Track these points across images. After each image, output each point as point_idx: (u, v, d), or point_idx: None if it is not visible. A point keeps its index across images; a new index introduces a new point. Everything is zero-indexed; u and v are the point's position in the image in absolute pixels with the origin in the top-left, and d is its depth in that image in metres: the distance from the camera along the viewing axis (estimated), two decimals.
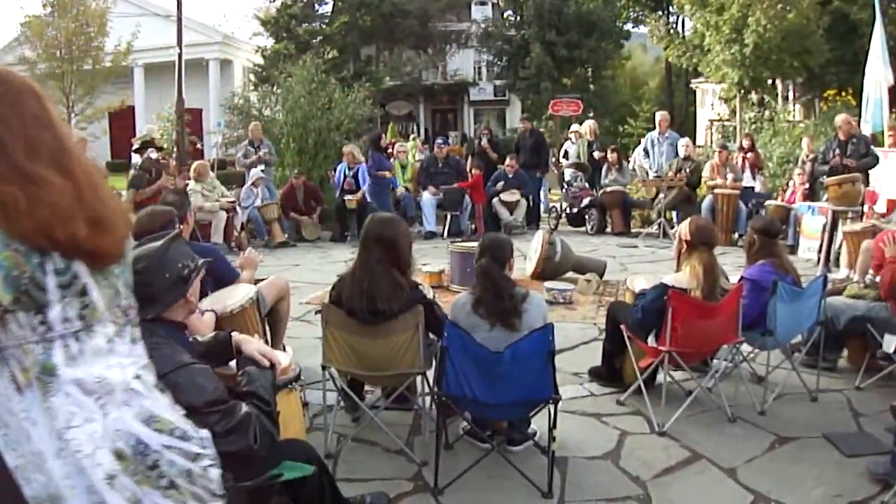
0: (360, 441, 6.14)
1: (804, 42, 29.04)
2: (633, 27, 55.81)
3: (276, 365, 4.07)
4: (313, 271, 13.32)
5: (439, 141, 19.75)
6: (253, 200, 16.55)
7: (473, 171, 18.48)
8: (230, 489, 3.48)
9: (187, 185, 15.48)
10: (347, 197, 16.77)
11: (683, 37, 38.27)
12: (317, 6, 46.75)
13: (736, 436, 6.38)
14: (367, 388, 6.85)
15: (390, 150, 19.18)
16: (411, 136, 30.99)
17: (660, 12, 50.95)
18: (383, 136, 19.14)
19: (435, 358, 5.89)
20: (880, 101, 16.60)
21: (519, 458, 5.68)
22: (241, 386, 3.72)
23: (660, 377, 7.02)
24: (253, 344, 4.15)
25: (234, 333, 4.28)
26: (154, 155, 15.49)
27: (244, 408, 3.53)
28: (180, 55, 23.76)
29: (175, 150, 24.47)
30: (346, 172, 17.30)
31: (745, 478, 5.61)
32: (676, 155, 17.79)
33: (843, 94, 25.97)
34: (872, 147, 14.42)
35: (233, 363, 4.22)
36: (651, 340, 6.62)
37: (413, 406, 6.58)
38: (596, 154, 19.25)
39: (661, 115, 19.42)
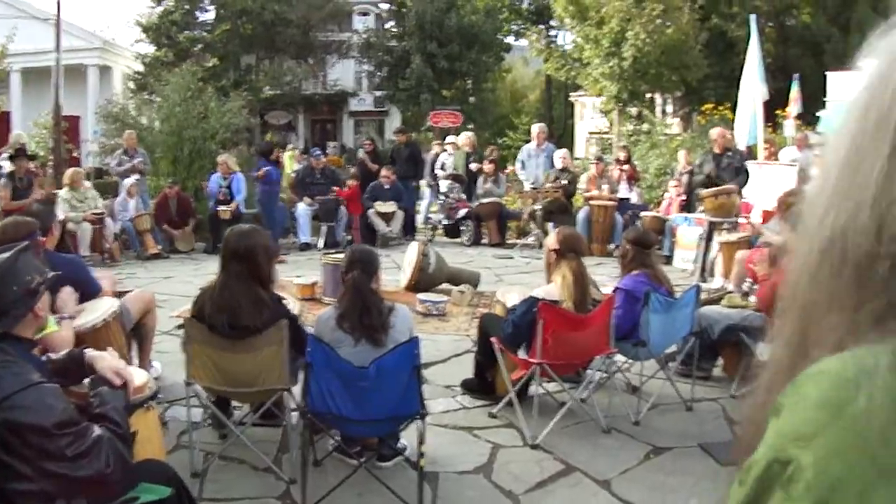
0: (228, 459, 5.98)
1: (682, 57, 29.66)
2: (514, 40, 56.28)
3: (128, 384, 3.93)
4: (185, 283, 13.03)
5: (316, 151, 19.62)
6: (127, 211, 16.21)
7: (350, 182, 18.37)
8: None
9: (55, 194, 15.13)
10: (221, 208, 16.53)
11: (563, 50, 38.65)
12: (198, 13, 46.37)
13: (610, 447, 6.40)
14: (234, 404, 6.69)
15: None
16: (289, 147, 30.80)
17: (541, 25, 51.51)
18: (274, 146, 18.92)
19: (301, 373, 5.80)
20: (755, 115, 16.92)
21: (389, 474, 5.61)
22: (93, 407, 3.59)
23: (532, 389, 6.98)
24: (106, 361, 4.02)
25: (87, 350, 4.13)
26: (41, 153, 15.14)
27: (96, 430, 3.41)
28: (58, 60, 23.23)
29: (51, 158, 23.94)
30: (221, 183, 17.01)
31: (619, 489, 5.63)
32: (553, 167, 17.87)
33: (721, 108, 26.46)
34: (747, 161, 14.67)
35: (87, 381, 4.08)
36: (522, 353, 6.60)
37: (281, 422, 6.45)
38: (473, 166, 19.26)
39: (537, 128, 19.53)
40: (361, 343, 5.40)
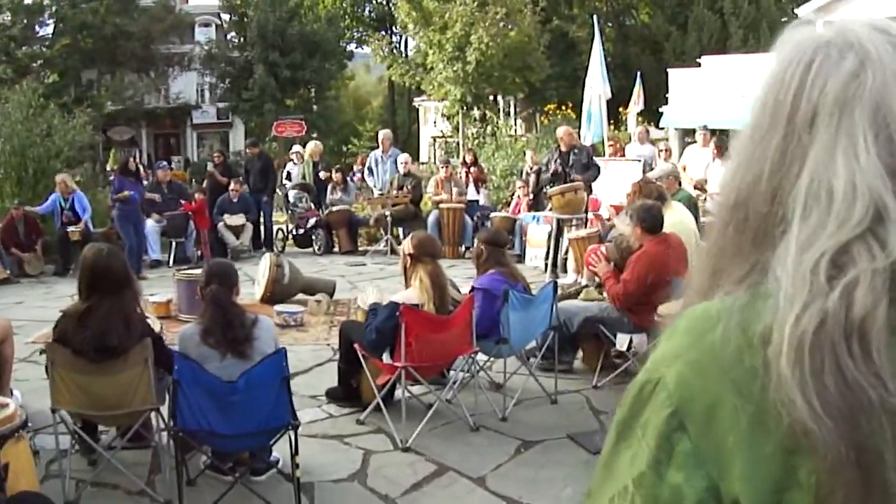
0: (100, 485, 5.87)
1: (526, 59, 30.13)
2: (357, 47, 56.33)
3: None
4: (38, 308, 12.74)
5: (162, 163, 19.34)
6: None
7: (197, 195, 18.17)
8: None
9: None
10: (71, 228, 16.17)
11: (407, 56, 38.84)
12: (37, 28, 45.29)
13: (480, 445, 6.51)
14: (100, 428, 6.60)
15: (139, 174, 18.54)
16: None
17: (383, 32, 51.69)
18: (132, 160, 18.48)
19: (168, 392, 5.76)
20: (600, 113, 17.25)
21: (264, 487, 5.61)
22: None
23: (398, 393, 7.06)
24: None
25: None
26: None
27: None
28: None
29: None
30: (62, 204, 16.54)
31: (494, 485, 5.74)
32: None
33: (564, 108, 26.93)
34: (594, 157, 14.94)
35: None
36: (386, 357, 6.66)
37: (150, 443, 6.39)
38: (322, 174, 19.23)
39: (383, 134, 19.57)
40: (228, 357, 5.39)
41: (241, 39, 48.93)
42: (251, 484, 5.62)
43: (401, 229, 17.43)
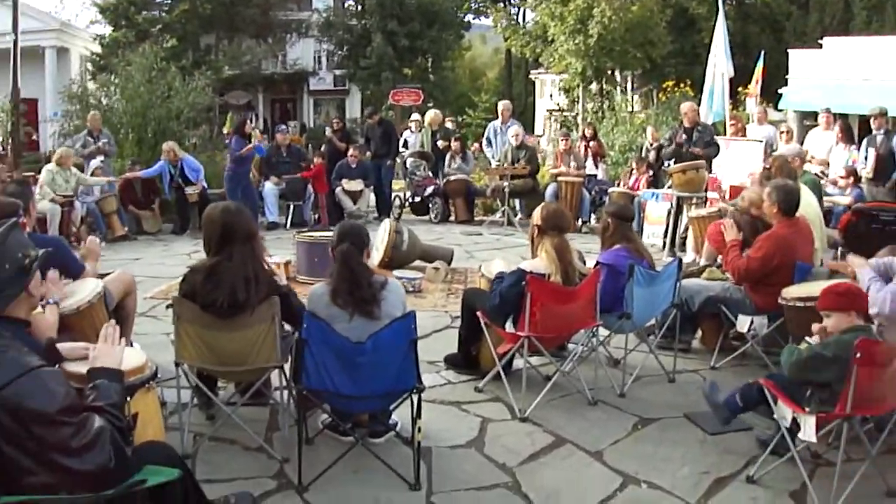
0: (218, 439, 5.92)
1: (647, 34, 29.76)
2: (474, 18, 56.23)
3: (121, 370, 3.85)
4: (156, 265, 12.95)
5: (281, 127, 19.43)
6: (92, 193, 16.03)
7: (316, 160, 18.27)
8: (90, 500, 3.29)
9: (32, 176, 14.97)
10: (188, 191, 16.36)
11: (525, 27, 38.65)
12: None
13: (598, 419, 6.43)
14: (219, 384, 6.63)
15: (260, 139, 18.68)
16: (251, 127, 30.58)
17: (501, 3, 51.53)
18: (248, 122, 18.62)
19: (291, 351, 5.76)
20: (722, 92, 16.94)
21: (382, 450, 5.56)
22: (89, 400, 3.51)
23: (517, 363, 7.01)
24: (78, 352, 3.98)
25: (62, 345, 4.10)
26: None
27: (98, 421, 3.34)
28: (15, 42, 22.92)
29: (10, 141, 23.66)
30: (171, 170, 16.77)
31: (611, 460, 5.67)
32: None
33: (682, 85, 26.53)
34: (714, 137, 14.69)
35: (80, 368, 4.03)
36: (509, 326, 6.59)
37: (269, 401, 6.42)
38: (440, 143, 19.20)
39: (503, 105, 19.46)
40: (356, 318, 5.35)
41: (359, 7, 49.12)
42: (370, 446, 5.58)
43: (517, 201, 17.37)
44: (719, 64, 17.06)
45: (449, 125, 24.07)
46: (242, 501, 4.74)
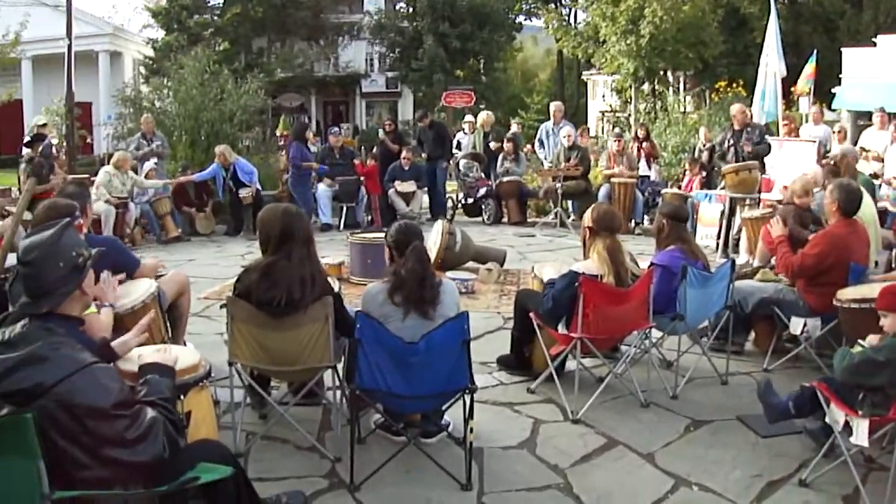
0: (270, 438, 5.97)
1: (699, 34, 29.61)
2: (525, 19, 56.18)
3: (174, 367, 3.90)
4: (210, 266, 13.06)
5: (334, 129, 19.46)
6: (145, 195, 16.17)
7: (369, 161, 18.32)
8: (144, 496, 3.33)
9: (87, 178, 15.14)
10: (242, 192, 16.45)
11: (577, 28, 38.57)
12: None
13: (650, 421, 6.40)
14: (272, 383, 6.66)
15: (313, 141, 18.78)
16: None
17: (552, 4, 51.46)
18: (309, 128, 18.68)
19: (344, 351, 5.78)
20: (775, 91, 16.81)
21: (434, 450, 5.58)
22: (141, 394, 3.56)
23: (570, 364, 7.00)
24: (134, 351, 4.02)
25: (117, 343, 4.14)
26: (55, 141, 15.07)
27: (150, 412, 3.38)
28: (70, 47, 23.15)
29: (65, 144, 23.90)
30: (223, 174, 16.84)
31: (663, 462, 5.63)
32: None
33: (734, 85, 26.35)
34: (767, 136, 14.58)
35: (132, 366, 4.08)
36: (561, 328, 6.57)
37: (322, 401, 6.45)
38: (492, 145, 19.20)
39: (555, 106, 19.41)
40: (410, 317, 5.36)
41: (411, 9, 49.24)
42: (422, 446, 5.59)
43: (570, 202, 17.35)
44: (771, 64, 16.94)
45: (515, 127, 24.17)
46: (294, 500, 4.76)
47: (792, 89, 21.21)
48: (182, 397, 4.32)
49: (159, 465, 3.35)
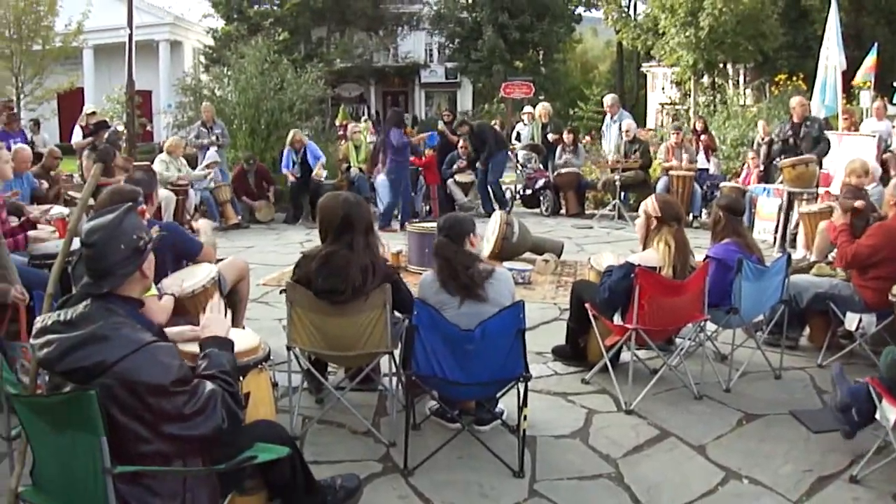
0: (326, 423, 6.04)
1: (759, 26, 29.35)
2: (585, 11, 55.95)
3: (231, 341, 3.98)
4: (269, 253, 13.22)
5: None
6: (206, 182, 16.35)
7: (427, 152, 18.36)
8: (203, 472, 3.41)
9: (147, 165, 15.31)
10: (318, 173, 16.74)
11: (636, 20, 38.36)
12: None
13: (703, 413, 6.40)
14: (329, 368, 6.75)
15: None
16: (362, 119, 30.82)
17: None
18: (405, 113, 18.73)
19: (401, 338, 5.83)
20: (835, 85, 16.65)
21: (488, 437, 5.63)
22: (200, 368, 3.64)
23: (624, 356, 7.02)
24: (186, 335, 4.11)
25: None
26: (120, 128, 15.24)
27: (209, 385, 3.46)
28: (131, 36, 23.31)
29: (125, 132, 24.15)
30: (294, 158, 17.13)
31: (714, 455, 5.64)
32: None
33: (794, 78, 26.12)
34: (825, 130, 14.45)
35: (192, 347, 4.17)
36: (617, 318, 6.59)
37: (378, 387, 6.52)
38: (550, 136, 19.17)
39: (608, 100, 19.30)
40: (465, 305, 5.44)
41: (470, 0, 49.19)
42: (476, 433, 5.65)
43: (622, 194, 17.33)
44: (831, 57, 16.77)
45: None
46: (349, 483, 4.82)
47: (852, 82, 20.95)
48: (242, 378, 4.42)
49: (218, 439, 3.43)
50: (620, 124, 17.85)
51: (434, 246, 5.72)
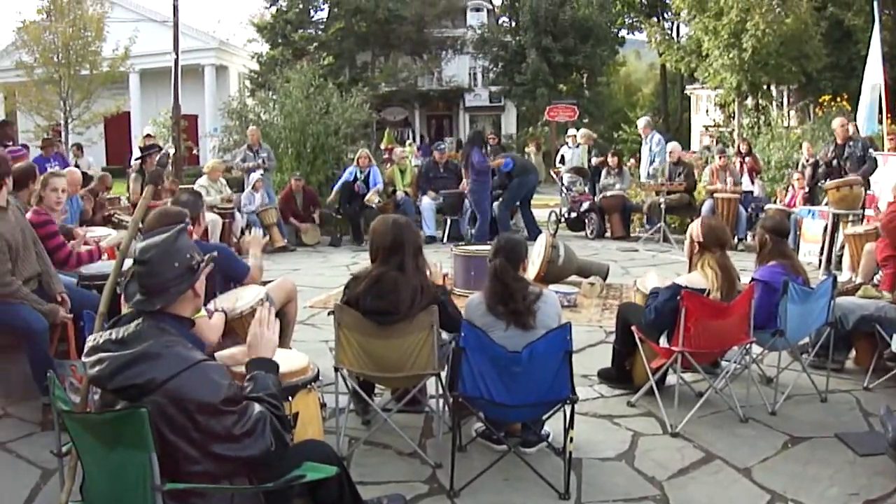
0: (372, 444, 6.08)
1: (802, 47, 29.23)
2: (628, 33, 55.97)
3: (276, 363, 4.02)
4: (315, 276, 13.30)
5: (441, 146, 19.55)
6: (252, 205, 16.48)
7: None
8: (250, 491, 3.46)
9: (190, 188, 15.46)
10: (370, 196, 16.90)
11: (679, 42, 38.28)
12: (312, 12, 47.04)
13: (748, 436, 6.37)
14: (376, 390, 6.79)
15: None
16: (406, 142, 30.95)
17: (655, 18, 51.17)
18: (490, 136, 18.84)
19: (447, 359, 5.87)
20: (870, 104, 16.60)
21: (534, 459, 5.64)
22: (247, 391, 3.68)
23: (670, 378, 7.03)
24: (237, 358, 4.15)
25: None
26: (171, 151, 15.41)
27: (257, 408, 3.50)
28: (177, 61, 23.57)
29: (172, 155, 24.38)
30: (358, 175, 17.26)
31: (760, 477, 5.60)
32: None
33: (839, 99, 25.98)
34: (871, 150, 14.39)
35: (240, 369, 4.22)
36: (663, 341, 6.59)
37: (424, 408, 6.56)
38: (594, 160, 19.22)
39: (640, 122, 19.46)
40: (511, 328, 5.46)
41: (514, 24, 49.36)
42: (521, 454, 5.67)
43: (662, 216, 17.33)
44: (873, 76, 16.73)
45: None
46: (395, 503, 4.85)
47: None
48: (290, 398, 4.47)
49: (267, 460, 3.48)
50: (651, 146, 17.97)
51: (493, 268, 5.72)
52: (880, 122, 18.52)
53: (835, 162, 13.85)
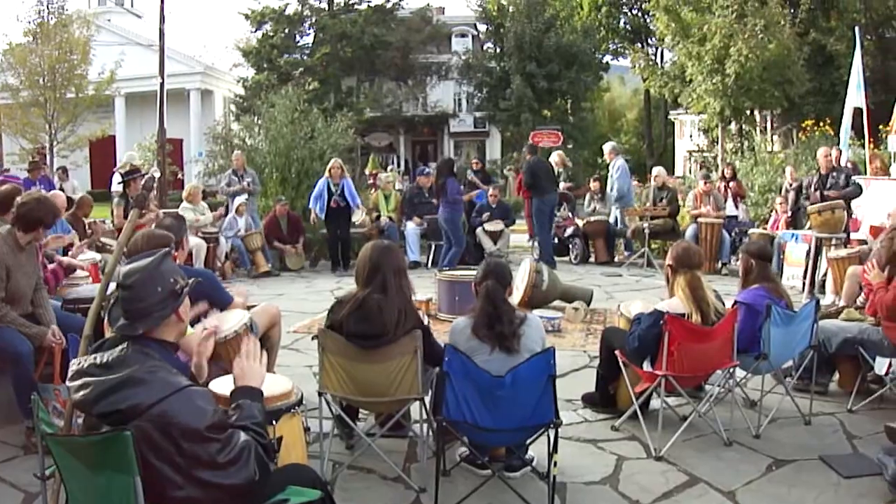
0: (357, 468, 6.08)
1: (785, 72, 29.38)
2: (612, 59, 56.18)
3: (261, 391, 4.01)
4: (299, 300, 13.28)
5: (426, 170, 19.55)
6: (236, 229, 16.48)
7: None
8: None
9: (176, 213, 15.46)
10: (355, 217, 17.16)
11: (663, 68, 38.44)
12: (298, 37, 47.16)
13: (732, 459, 6.38)
14: (360, 414, 6.78)
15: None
16: (389, 168, 30.97)
17: (639, 44, 51.40)
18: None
19: (431, 384, 5.87)
20: (847, 127, 16.78)
21: (518, 484, 5.62)
22: (233, 419, 3.67)
23: (654, 402, 7.04)
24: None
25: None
26: (157, 174, 15.37)
27: (242, 436, 3.49)
28: (162, 85, 23.61)
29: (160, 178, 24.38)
30: (332, 189, 16.98)
31: (744, 500, 5.63)
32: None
33: (822, 124, 26.13)
34: (854, 177, 14.49)
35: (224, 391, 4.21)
36: (646, 365, 6.60)
37: (408, 433, 6.55)
38: (562, 185, 19.19)
39: (605, 147, 19.84)
40: (496, 352, 5.47)
41: (498, 50, 49.49)
42: (506, 479, 5.65)
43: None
44: (851, 99, 16.89)
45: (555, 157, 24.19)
46: None
47: (881, 127, 20.94)
48: (274, 423, 4.47)
49: (249, 490, 3.47)
50: (615, 168, 18.29)
51: (484, 289, 5.72)
52: (852, 143, 18.78)
53: (818, 193, 13.92)
